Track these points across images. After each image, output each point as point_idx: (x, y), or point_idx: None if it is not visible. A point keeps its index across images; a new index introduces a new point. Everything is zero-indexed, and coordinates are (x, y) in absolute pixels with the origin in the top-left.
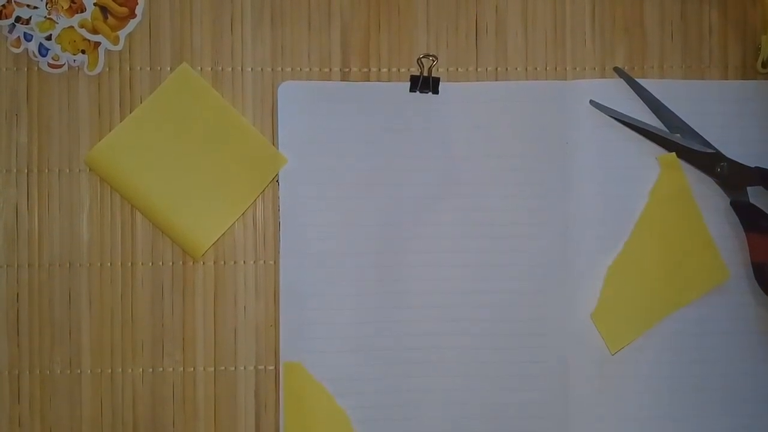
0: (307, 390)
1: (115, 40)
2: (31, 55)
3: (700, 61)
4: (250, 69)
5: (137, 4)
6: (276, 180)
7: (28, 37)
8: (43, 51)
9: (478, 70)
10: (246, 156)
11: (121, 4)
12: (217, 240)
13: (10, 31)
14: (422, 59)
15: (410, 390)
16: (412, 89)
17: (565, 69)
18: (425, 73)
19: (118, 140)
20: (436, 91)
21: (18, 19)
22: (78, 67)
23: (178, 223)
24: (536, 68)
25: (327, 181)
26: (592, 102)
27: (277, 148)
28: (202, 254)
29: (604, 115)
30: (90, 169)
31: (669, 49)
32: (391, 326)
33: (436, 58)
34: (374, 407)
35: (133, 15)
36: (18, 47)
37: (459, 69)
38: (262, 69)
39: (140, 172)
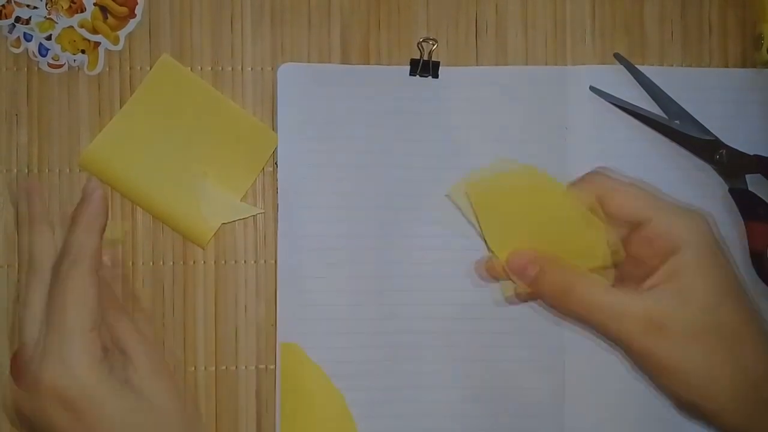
0: (303, 371)
1: (115, 40)
2: (31, 55)
3: (700, 60)
4: (250, 68)
5: (137, 3)
6: (275, 163)
7: (28, 37)
8: (43, 51)
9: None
10: (239, 138)
11: (120, 4)
12: (218, 239)
13: (10, 31)
14: (422, 43)
15: (407, 373)
16: (412, 73)
17: (565, 67)
18: (425, 57)
19: (109, 140)
20: (436, 75)
21: (18, 19)
22: (78, 67)
23: (180, 214)
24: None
25: (325, 164)
26: (591, 88)
27: (276, 131)
28: (208, 241)
29: (604, 101)
30: (86, 172)
31: (669, 47)
32: (389, 309)
33: (436, 42)
34: (370, 389)
35: (132, 15)
36: (18, 47)
37: (459, 67)
38: (262, 68)
39: (136, 168)
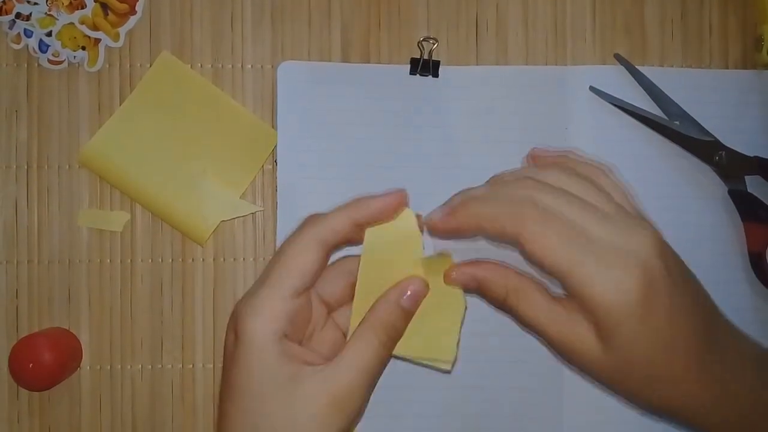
0: None
1: (116, 37)
2: (31, 51)
3: (700, 61)
4: (250, 66)
5: (137, 0)
6: (274, 161)
7: (28, 34)
8: (43, 47)
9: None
10: (239, 136)
11: (121, 1)
12: (217, 236)
13: (11, 27)
14: (422, 42)
15: (406, 373)
16: (412, 72)
17: (566, 67)
18: (425, 56)
19: (109, 136)
20: (436, 75)
21: (18, 15)
22: (78, 63)
23: (180, 211)
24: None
25: (325, 162)
26: (591, 88)
27: (276, 129)
28: (207, 239)
29: (604, 101)
30: (85, 167)
31: (669, 47)
32: None
33: (437, 41)
34: None
35: (133, 12)
36: (18, 43)
37: (459, 67)
38: (262, 66)
39: (135, 165)
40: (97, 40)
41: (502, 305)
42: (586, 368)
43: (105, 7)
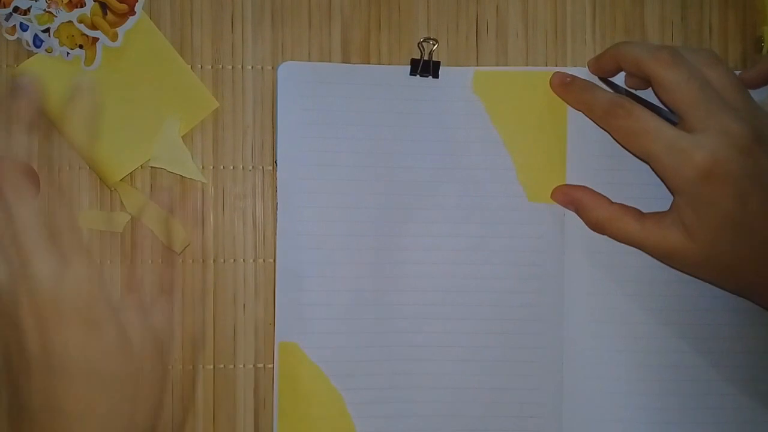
0: (301, 370)
1: (114, 37)
2: (25, 45)
3: None
4: (250, 67)
5: (137, 1)
6: (274, 161)
7: (24, 27)
8: (37, 42)
9: None
10: (177, 96)
11: (120, 1)
12: (217, 237)
13: (7, 20)
14: (422, 43)
15: (406, 373)
16: (413, 73)
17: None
18: (426, 57)
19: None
20: (436, 75)
21: (16, 9)
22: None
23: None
24: None
25: (325, 163)
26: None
27: (276, 130)
28: (116, 181)
29: None
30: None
31: None
32: (388, 309)
33: (437, 42)
34: (369, 389)
35: (132, 12)
36: (12, 35)
37: (459, 67)
38: (262, 67)
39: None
40: (95, 39)
41: (599, 230)
42: (679, 264)
43: (104, 7)
